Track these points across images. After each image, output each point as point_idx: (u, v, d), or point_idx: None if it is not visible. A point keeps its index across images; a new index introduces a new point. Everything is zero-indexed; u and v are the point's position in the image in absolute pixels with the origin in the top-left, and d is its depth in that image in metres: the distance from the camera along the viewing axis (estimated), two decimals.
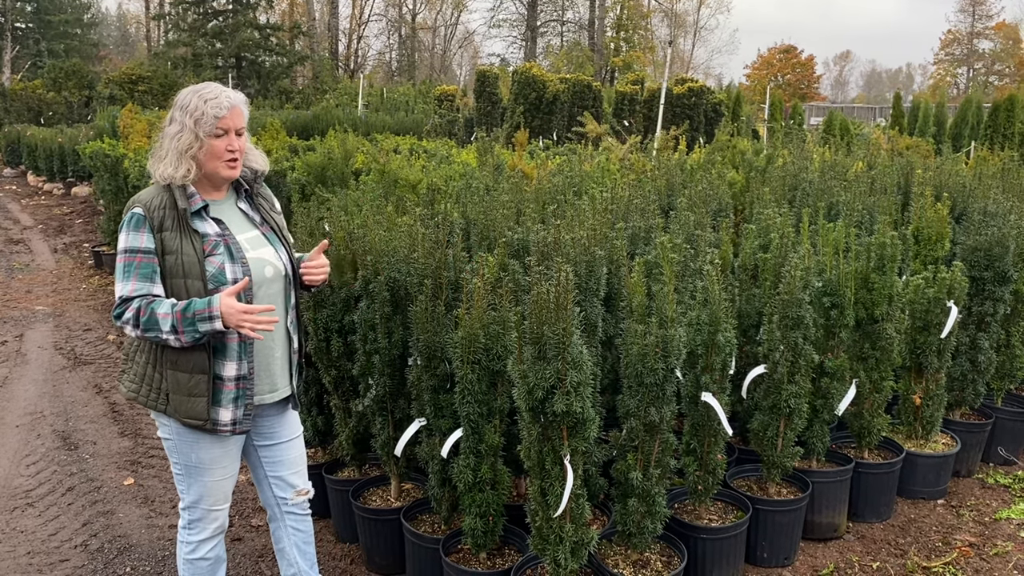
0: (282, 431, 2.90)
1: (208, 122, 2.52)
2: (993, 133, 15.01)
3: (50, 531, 3.99)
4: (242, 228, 2.68)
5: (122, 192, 9.51)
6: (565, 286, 2.55)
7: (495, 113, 17.34)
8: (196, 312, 2.40)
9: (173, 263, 2.51)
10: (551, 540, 2.77)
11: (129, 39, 67.07)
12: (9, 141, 21.60)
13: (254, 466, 2.95)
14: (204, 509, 2.76)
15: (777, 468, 3.58)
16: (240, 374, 2.60)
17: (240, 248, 2.60)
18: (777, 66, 56.38)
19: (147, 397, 2.62)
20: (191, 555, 2.81)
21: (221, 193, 2.70)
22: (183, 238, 2.52)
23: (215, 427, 2.60)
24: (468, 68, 57.40)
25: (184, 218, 2.53)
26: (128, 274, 2.49)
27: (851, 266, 3.74)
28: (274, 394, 2.77)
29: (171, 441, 2.68)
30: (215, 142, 2.55)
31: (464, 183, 5.16)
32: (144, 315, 2.43)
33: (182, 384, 2.56)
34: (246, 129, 2.66)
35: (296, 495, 2.96)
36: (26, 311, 8.14)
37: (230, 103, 2.56)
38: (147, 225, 2.51)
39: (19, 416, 5.42)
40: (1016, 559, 3.66)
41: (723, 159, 6.58)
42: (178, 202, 2.54)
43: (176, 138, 2.54)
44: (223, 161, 2.58)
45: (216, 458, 2.70)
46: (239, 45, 33.23)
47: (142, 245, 2.50)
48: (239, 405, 2.62)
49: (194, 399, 2.56)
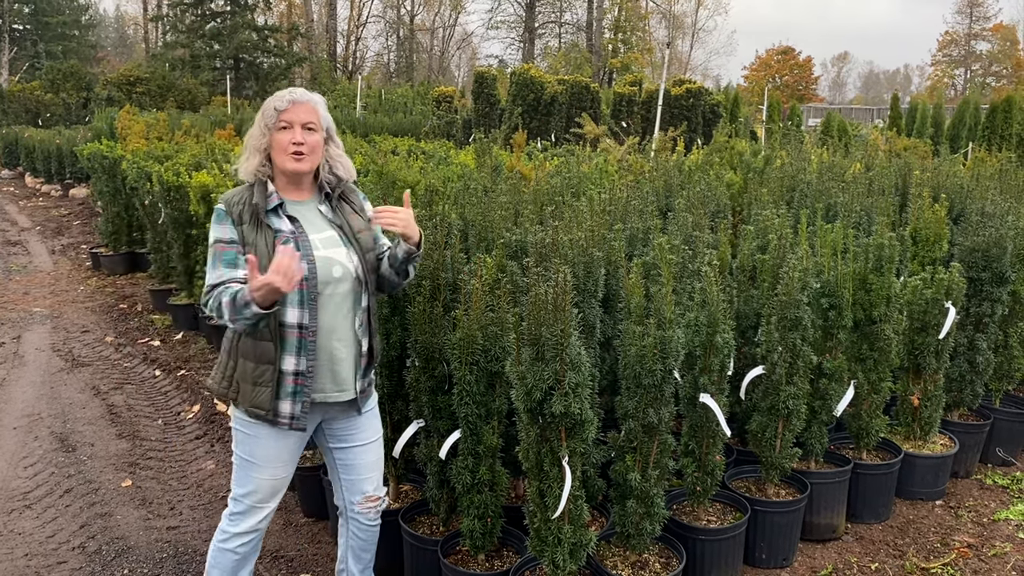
0: (356, 435, 2.92)
1: (270, 115, 2.67)
2: (991, 134, 15.04)
3: (48, 533, 3.98)
4: (317, 228, 2.75)
5: (120, 193, 9.50)
6: (563, 287, 2.55)
7: (493, 114, 17.35)
8: (240, 299, 2.50)
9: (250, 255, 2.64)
10: (549, 541, 2.77)
11: (127, 40, 67.08)
12: (7, 142, 21.60)
13: (330, 467, 3.02)
14: (249, 504, 2.81)
15: (775, 469, 3.59)
16: (298, 369, 2.66)
17: (310, 246, 2.67)
18: (775, 67, 56.47)
19: (219, 385, 2.76)
20: (223, 543, 2.85)
21: (304, 194, 2.79)
22: (258, 233, 2.64)
23: (276, 418, 2.68)
24: (466, 69, 57.48)
25: (258, 214, 2.65)
26: (214, 263, 2.65)
27: (849, 267, 3.74)
28: (343, 394, 2.79)
29: (239, 433, 2.79)
30: (279, 135, 2.67)
31: (462, 184, 5.16)
32: (214, 301, 2.58)
33: (249, 373, 2.67)
34: (323, 129, 2.74)
35: (366, 500, 2.98)
36: (24, 313, 8.13)
37: (292, 98, 2.67)
38: (228, 219, 2.66)
39: (16, 418, 5.41)
40: (1014, 560, 3.66)
41: (721, 160, 6.59)
42: (256, 198, 2.66)
43: (251, 134, 2.74)
44: (287, 154, 2.67)
45: (271, 455, 2.76)
46: (237, 47, 33.22)
47: (225, 236, 2.66)
48: (297, 400, 2.68)
49: (260, 388, 2.66)
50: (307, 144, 2.67)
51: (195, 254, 7.04)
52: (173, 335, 7.30)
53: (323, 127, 2.73)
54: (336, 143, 2.82)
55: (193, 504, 4.27)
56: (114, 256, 9.96)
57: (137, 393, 5.92)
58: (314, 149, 2.70)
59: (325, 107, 2.77)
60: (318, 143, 2.71)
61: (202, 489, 4.43)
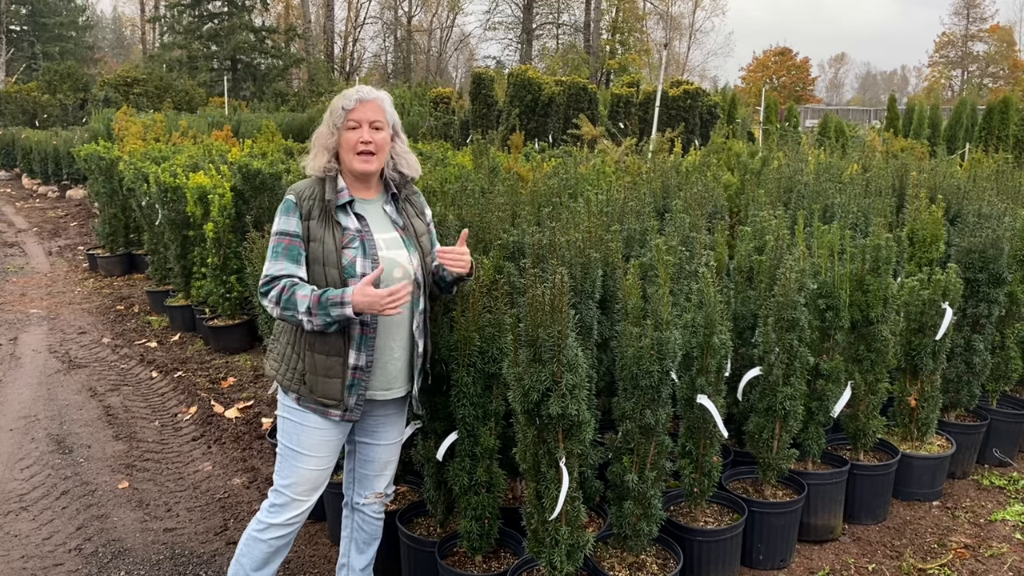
0: (385, 433, 2.98)
1: (338, 113, 2.70)
2: (987, 135, 15.05)
3: (44, 535, 3.97)
4: (382, 228, 2.79)
5: (117, 195, 9.49)
6: (560, 288, 2.55)
7: (491, 115, 17.34)
8: (330, 298, 2.54)
9: (316, 250, 2.67)
10: (547, 543, 2.77)
11: (124, 42, 67.02)
12: (4, 144, 21.57)
13: (349, 458, 3.06)
14: (290, 496, 2.83)
15: (773, 470, 3.59)
16: (358, 364, 2.71)
17: (375, 246, 2.71)
18: (772, 68, 56.55)
19: (284, 376, 2.77)
20: (258, 533, 2.87)
21: (371, 192, 2.82)
22: (326, 228, 2.67)
23: (343, 410, 2.73)
24: (464, 71, 57.50)
25: (329, 210, 2.68)
26: (277, 254, 2.67)
27: (846, 268, 3.74)
28: (387, 392, 2.85)
29: (287, 422, 2.81)
30: (348, 134, 2.70)
31: (460, 185, 5.15)
32: (286, 294, 2.59)
33: (319, 365, 2.70)
34: (391, 127, 2.77)
35: (374, 497, 3.04)
36: (20, 314, 8.11)
37: (359, 96, 2.71)
38: (296, 212, 2.68)
39: (13, 420, 5.40)
40: (1011, 561, 3.67)
41: (718, 161, 6.59)
42: (327, 194, 2.69)
43: (319, 133, 2.77)
44: (355, 153, 2.70)
45: (317, 444, 2.79)
46: (234, 48, 33.23)
47: (291, 229, 2.67)
48: (352, 393, 2.73)
49: (330, 380, 2.70)
50: (375, 143, 2.71)
51: (192, 255, 7.04)
52: (170, 336, 7.29)
53: (389, 124, 2.77)
54: (402, 139, 2.86)
55: (190, 506, 4.26)
56: (111, 257, 9.94)
57: (134, 394, 5.91)
58: (381, 147, 2.74)
59: (391, 104, 2.80)
60: (385, 141, 2.75)
61: (199, 491, 4.42)
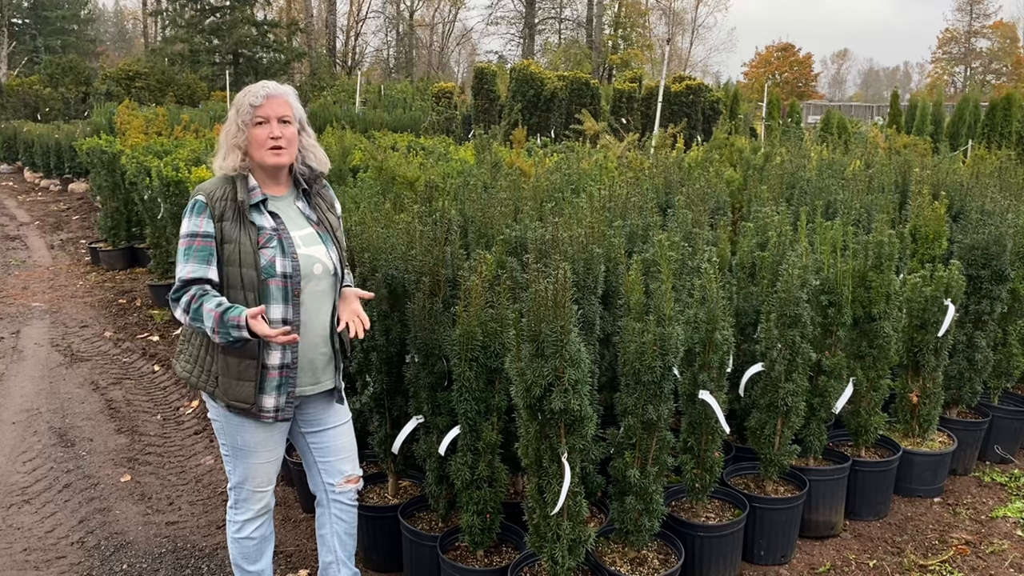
0: (328, 418, 2.97)
1: (245, 110, 2.67)
2: (990, 132, 15.01)
3: (47, 528, 3.98)
4: (297, 225, 2.78)
5: (119, 188, 9.49)
6: (563, 284, 2.55)
7: (493, 110, 17.32)
8: (230, 319, 2.49)
9: (231, 252, 2.63)
10: (548, 537, 2.78)
11: (126, 35, 66.93)
12: (6, 137, 21.54)
13: (303, 452, 3.04)
14: (248, 490, 2.86)
15: (774, 466, 3.59)
16: (284, 363, 2.70)
17: (292, 244, 2.70)
18: (775, 64, 56.38)
19: (199, 378, 2.75)
20: (237, 534, 2.92)
21: (281, 188, 2.80)
22: (241, 229, 2.65)
23: (259, 412, 2.71)
24: (466, 65, 57.41)
25: (243, 210, 2.65)
26: (187, 257, 2.63)
27: (849, 264, 3.74)
28: (316, 387, 2.86)
29: (219, 423, 2.82)
30: (256, 131, 2.67)
31: (462, 180, 5.16)
32: (195, 304, 2.57)
33: (232, 368, 2.68)
34: (297, 121, 2.75)
35: (345, 481, 3.02)
36: (23, 307, 8.12)
37: (266, 92, 2.68)
38: (207, 212, 2.64)
39: (15, 413, 5.41)
40: (1012, 557, 3.67)
41: (721, 157, 6.59)
42: (239, 194, 2.66)
43: (226, 131, 2.73)
44: (266, 149, 2.68)
45: (260, 441, 2.80)
46: (236, 41, 33.17)
47: (201, 230, 2.64)
48: (281, 393, 2.72)
49: (243, 383, 2.68)
50: (284, 137, 2.69)
51: None
52: (172, 330, 7.30)
53: (296, 118, 2.75)
54: (308, 133, 2.84)
55: (192, 499, 4.27)
56: (113, 251, 9.95)
57: (136, 388, 5.92)
58: (291, 142, 2.73)
59: (297, 98, 2.79)
60: (294, 135, 2.74)
61: (201, 484, 4.43)
